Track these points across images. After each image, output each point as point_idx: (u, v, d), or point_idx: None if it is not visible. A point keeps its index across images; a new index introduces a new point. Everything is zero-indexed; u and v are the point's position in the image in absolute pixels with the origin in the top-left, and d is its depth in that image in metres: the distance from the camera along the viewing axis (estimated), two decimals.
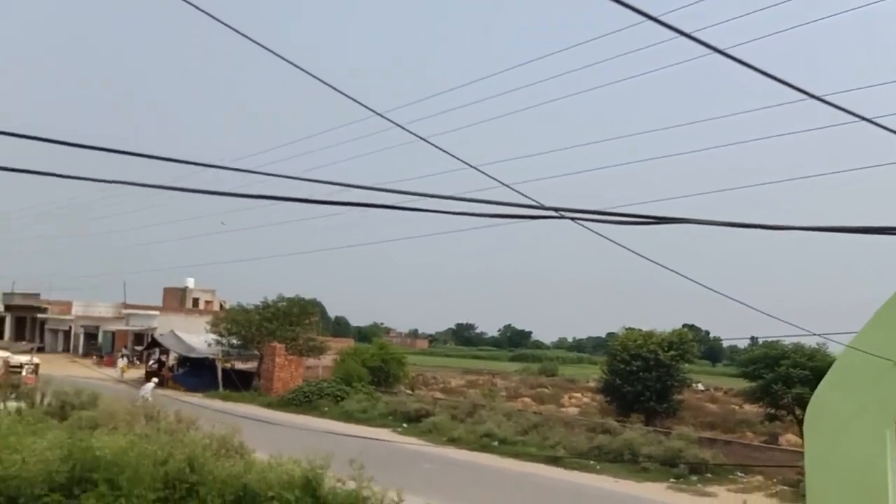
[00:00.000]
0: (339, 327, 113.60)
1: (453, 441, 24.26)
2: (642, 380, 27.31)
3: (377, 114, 3.95)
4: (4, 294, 63.78)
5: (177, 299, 63.87)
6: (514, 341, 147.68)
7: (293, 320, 39.24)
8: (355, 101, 3.77)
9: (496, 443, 23.61)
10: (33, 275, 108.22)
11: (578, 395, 40.63)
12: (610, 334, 43.49)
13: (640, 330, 30.22)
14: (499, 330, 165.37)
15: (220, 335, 38.91)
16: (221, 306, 61.46)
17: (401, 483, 12.68)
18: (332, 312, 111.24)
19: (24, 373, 31.50)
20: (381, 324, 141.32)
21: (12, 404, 16.35)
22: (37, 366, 34.33)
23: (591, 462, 21.19)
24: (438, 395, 36.47)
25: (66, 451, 9.39)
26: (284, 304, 39.81)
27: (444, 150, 4.12)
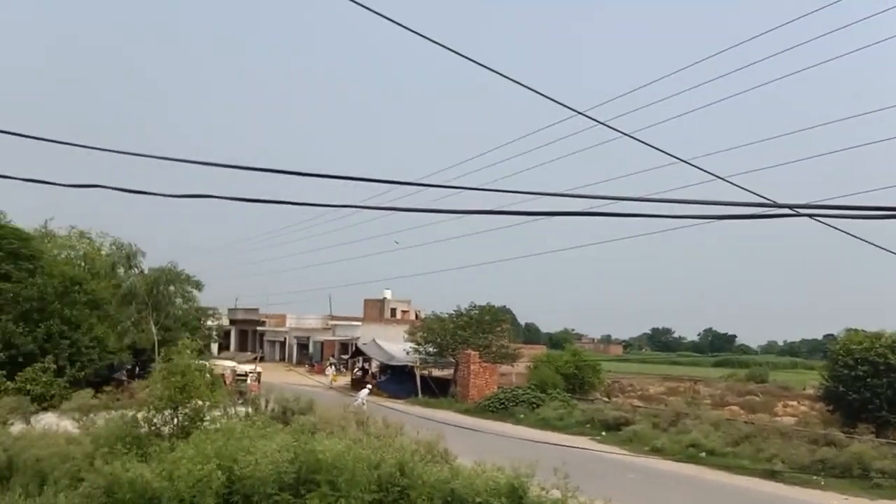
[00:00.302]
0: (530, 334, 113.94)
1: (656, 451, 23.30)
2: (870, 386, 24.55)
3: (579, 113, 3.86)
4: (229, 309, 70.87)
5: (376, 310, 67.41)
6: (717, 346, 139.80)
7: (485, 328, 39.87)
8: (558, 102, 3.71)
9: (703, 454, 22.33)
10: (253, 292, 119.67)
11: (794, 403, 37.35)
12: (828, 336, 39.70)
13: (865, 331, 27.24)
14: (699, 334, 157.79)
15: (417, 343, 40.42)
16: (417, 316, 63.97)
17: (604, 494, 12.40)
18: (523, 319, 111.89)
19: (248, 381, 34.78)
20: (572, 330, 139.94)
21: (241, 410, 17.91)
22: (259, 374, 37.76)
23: (815, 477, 19.38)
24: (636, 402, 35.24)
25: (292, 454, 10.17)
26: (476, 312, 40.56)
27: (651, 146, 3.94)
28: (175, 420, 13.26)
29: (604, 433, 26.74)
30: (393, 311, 68.67)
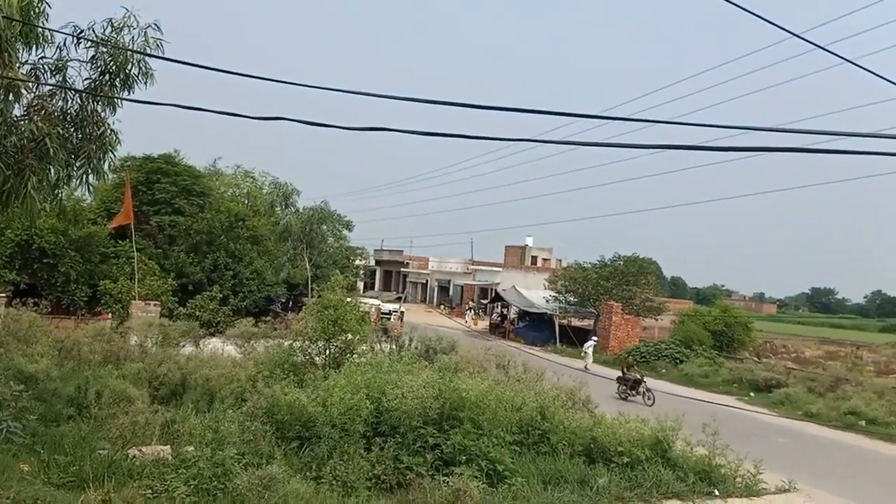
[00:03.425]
0: (676, 288, 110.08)
1: (810, 416, 21.93)
2: None
3: (797, 36, 3.47)
4: (375, 250, 73.52)
5: (517, 257, 67.49)
6: (886, 310, 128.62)
7: (630, 280, 38.87)
8: (779, 26, 3.36)
9: (863, 422, 20.79)
10: (398, 234, 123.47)
11: None
12: None
13: None
14: (865, 297, 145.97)
15: (558, 292, 40.20)
16: (558, 264, 63.46)
17: (752, 455, 11.86)
18: (668, 272, 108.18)
19: (392, 319, 36.10)
20: (722, 286, 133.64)
21: (386, 346, 18.59)
22: (402, 313, 39.09)
23: None
24: (790, 364, 33.28)
25: (436, 391, 10.43)
26: (621, 263, 39.60)
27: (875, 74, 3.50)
28: (327, 351, 13.96)
29: (752, 394, 25.51)
30: (534, 258, 68.48)
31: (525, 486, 9.52)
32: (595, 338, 33.07)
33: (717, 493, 10.75)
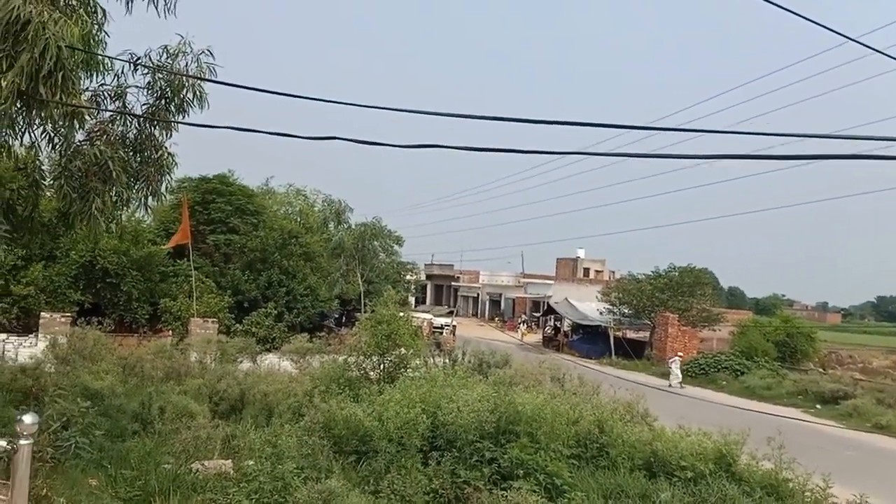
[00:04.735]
0: (734, 298, 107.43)
1: (880, 428, 21.10)
2: None
3: (851, 39, 3.36)
4: (426, 265, 73.83)
5: (568, 269, 66.93)
6: None
7: (685, 290, 38.15)
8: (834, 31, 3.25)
9: None
10: (448, 249, 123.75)
11: None
12: None
13: None
14: None
15: (612, 304, 39.73)
16: (611, 276, 62.68)
17: (819, 468, 11.40)
18: (726, 282, 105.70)
19: (444, 333, 36.12)
20: (783, 295, 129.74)
21: (439, 360, 18.59)
22: (454, 327, 39.12)
23: None
24: (857, 375, 32.09)
25: (492, 405, 10.35)
26: (676, 273, 38.92)
27: None
28: (382, 366, 14.01)
29: (818, 406, 24.67)
30: (586, 270, 67.82)
31: (585, 500, 9.34)
32: (680, 354, 31.88)
33: None
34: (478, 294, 72.71)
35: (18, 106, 6.33)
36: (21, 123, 7.86)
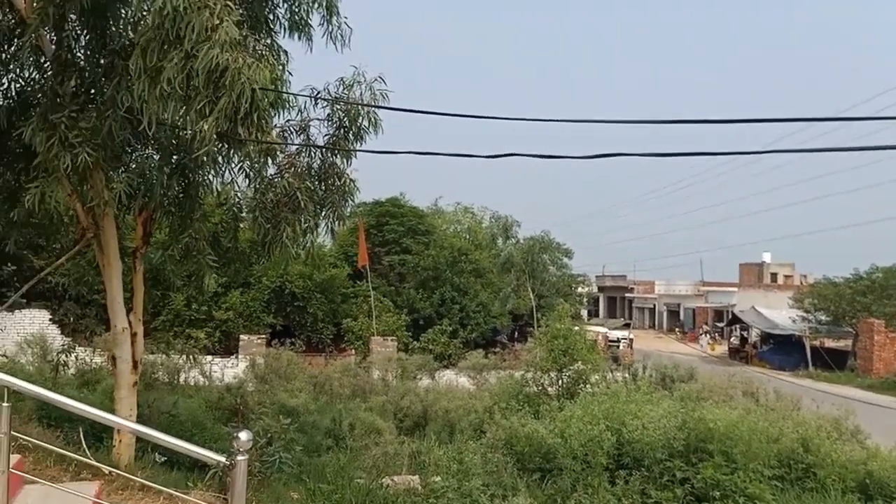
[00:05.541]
0: None
1: None
2: None
3: None
4: (597, 277, 72.32)
5: (753, 275, 62.70)
6: None
7: (891, 293, 34.38)
8: None
9: None
10: (619, 259, 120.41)
11: None
12: None
13: None
14: None
15: (806, 311, 36.74)
16: (802, 280, 58.00)
17: None
18: None
19: (621, 346, 35.10)
20: None
21: (618, 375, 18.02)
22: (631, 340, 37.89)
23: None
24: None
25: (680, 421, 9.82)
26: (880, 275, 35.21)
27: None
28: (560, 381, 13.80)
29: None
30: (773, 275, 63.16)
31: None
32: None
33: None
34: (654, 305, 70.05)
35: (220, 146, 6.90)
36: (220, 162, 8.59)
